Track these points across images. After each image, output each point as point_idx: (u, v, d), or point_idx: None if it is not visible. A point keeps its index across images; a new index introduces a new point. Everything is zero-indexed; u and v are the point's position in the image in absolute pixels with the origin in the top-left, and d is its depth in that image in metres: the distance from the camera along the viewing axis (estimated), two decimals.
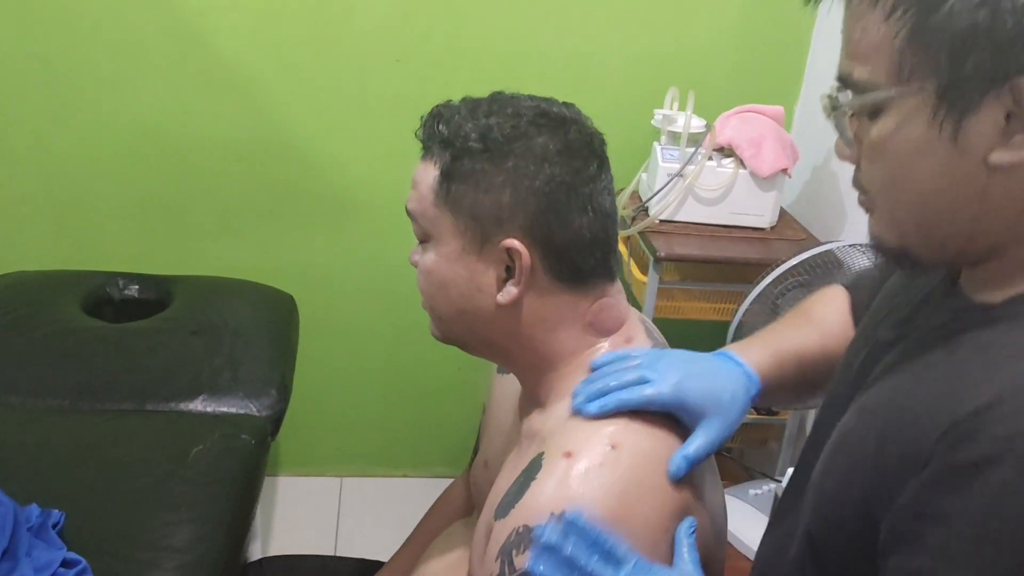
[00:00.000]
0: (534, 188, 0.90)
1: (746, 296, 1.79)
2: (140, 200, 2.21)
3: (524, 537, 0.83)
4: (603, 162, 0.95)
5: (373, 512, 2.49)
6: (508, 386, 1.12)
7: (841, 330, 1.05)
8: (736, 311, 1.82)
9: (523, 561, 0.82)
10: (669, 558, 0.86)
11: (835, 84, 0.76)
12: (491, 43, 2.16)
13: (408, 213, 0.97)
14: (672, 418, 0.90)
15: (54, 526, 1.33)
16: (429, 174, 0.93)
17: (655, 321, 2.01)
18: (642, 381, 0.89)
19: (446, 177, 0.92)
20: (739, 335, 1.83)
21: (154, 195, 2.21)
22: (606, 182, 0.95)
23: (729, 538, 1.94)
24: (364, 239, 2.30)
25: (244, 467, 1.59)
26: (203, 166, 2.19)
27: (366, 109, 2.18)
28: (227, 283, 2.11)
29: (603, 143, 0.95)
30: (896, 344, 0.84)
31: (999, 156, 0.68)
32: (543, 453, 0.89)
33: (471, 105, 0.94)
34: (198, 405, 1.71)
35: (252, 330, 1.93)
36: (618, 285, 0.99)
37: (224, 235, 2.27)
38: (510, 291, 0.92)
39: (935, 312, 0.82)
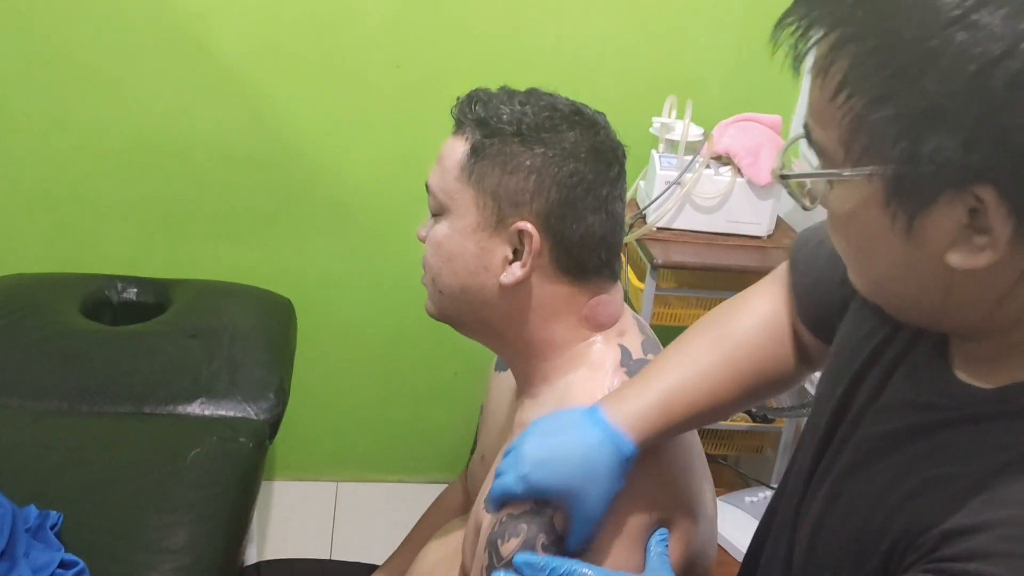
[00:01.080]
0: (558, 179, 0.93)
1: None
2: (139, 203, 2.21)
3: (507, 525, 0.86)
4: (623, 170, 0.99)
5: (369, 517, 2.49)
6: (505, 383, 1.14)
7: (762, 345, 0.95)
8: None
9: (508, 549, 0.85)
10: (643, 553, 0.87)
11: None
12: (491, 51, 2.17)
13: (427, 187, 1.00)
14: None
15: (52, 527, 1.33)
16: (458, 149, 0.96)
17: (652, 328, 2.02)
18: (498, 474, 0.87)
19: (475, 153, 0.95)
20: None
21: (153, 198, 2.21)
22: (621, 190, 0.98)
23: (724, 544, 1.95)
24: (362, 244, 2.31)
25: (241, 470, 1.60)
26: (202, 170, 2.20)
27: (366, 115, 2.19)
28: (226, 287, 2.11)
29: (625, 154, 0.99)
30: (868, 415, 0.79)
31: (956, 259, 0.60)
32: None
33: (509, 92, 0.99)
34: (196, 408, 1.72)
35: (250, 334, 1.93)
36: (618, 285, 1.02)
37: (223, 239, 2.27)
38: (515, 272, 0.95)
39: (916, 383, 0.76)
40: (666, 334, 2.43)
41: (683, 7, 2.18)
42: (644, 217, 2.02)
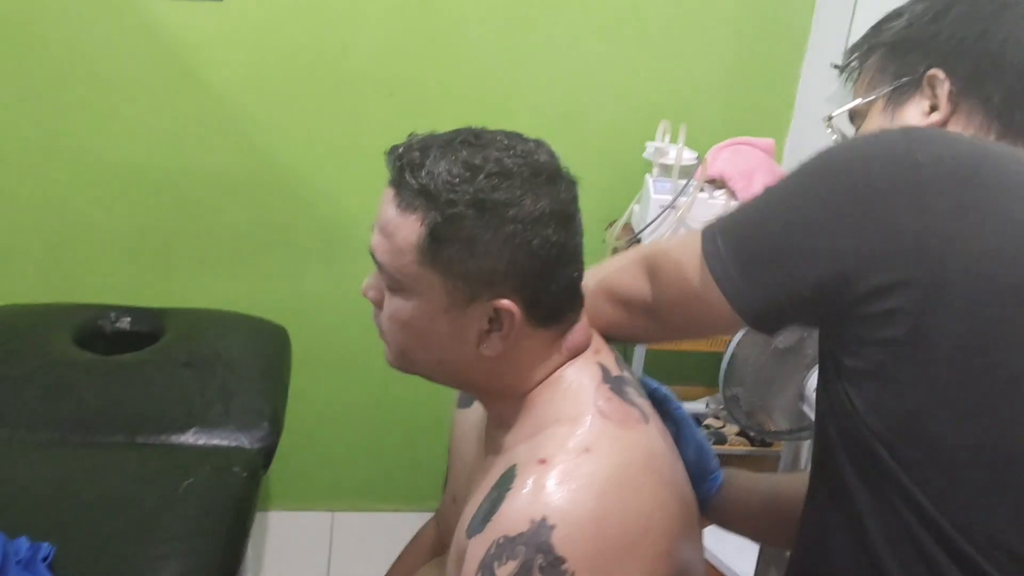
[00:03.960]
0: (530, 251, 0.89)
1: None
2: (132, 233, 2.21)
3: (505, 548, 0.83)
4: (579, 208, 0.95)
5: (365, 547, 2.47)
6: (469, 419, 1.12)
7: None
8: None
9: (506, 572, 0.82)
10: (651, 559, 0.86)
11: None
12: (485, 78, 2.18)
13: (377, 262, 0.94)
14: (642, 422, 0.92)
15: (44, 559, 1.32)
16: (411, 230, 0.89)
17: (649, 353, 2.02)
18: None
19: (435, 239, 0.88)
20: (732, 366, 1.83)
21: (146, 228, 2.21)
22: (581, 227, 0.95)
23: (725, 570, 1.93)
24: (357, 272, 2.27)
25: (235, 500, 1.58)
26: (196, 199, 2.19)
27: (359, 143, 2.19)
28: (219, 315, 2.10)
29: (577, 186, 0.95)
30: None
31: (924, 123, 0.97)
32: (515, 465, 0.89)
33: (444, 148, 0.90)
34: (189, 438, 1.70)
35: (244, 362, 1.92)
36: (583, 308, 1.00)
37: (217, 268, 2.27)
38: (496, 346, 0.92)
39: None
40: (662, 359, 2.42)
41: (675, 33, 2.20)
42: (639, 241, 2.02)
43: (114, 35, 2.04)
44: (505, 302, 0.89)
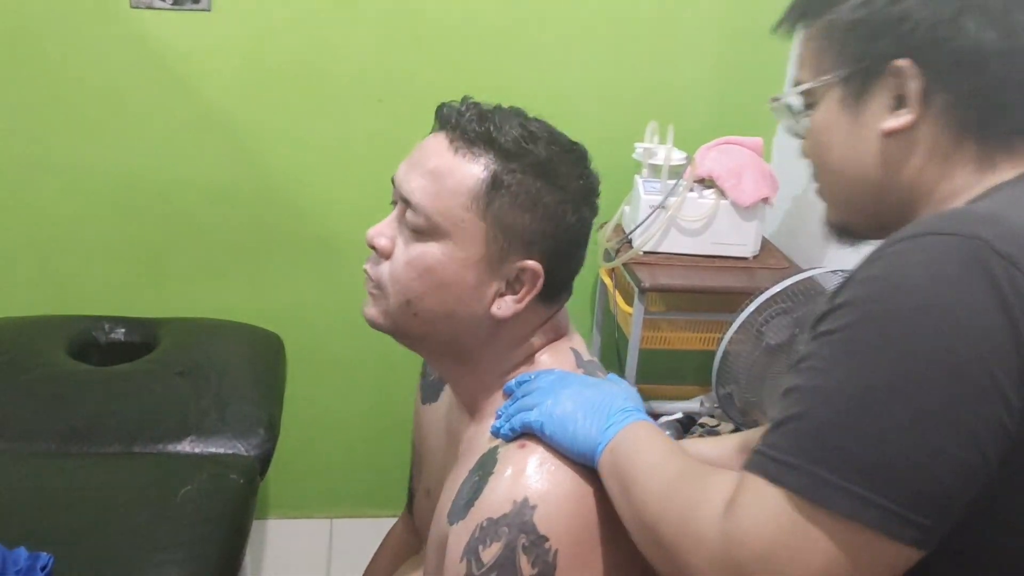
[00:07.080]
0: (568, 223, 0.94)
1: (730, 326, 1.80)
2: (125, 243, 2.21)
3: (488, 531, 0.84)
4: None
5: (365, 554, 2.43)
6: (435, 415, 1.14)
7: None
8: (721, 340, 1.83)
9: (490, 555, 0.83)
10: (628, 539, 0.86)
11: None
12: (474, 82, 2.17)
13: (411, 204, 0.93)
14: None
15: (43, 569, 1.32)
16: (469, 174, 0.91)
17: (642, 353, 2.03)
18: (530, 407, 0.90)
19: (494, 187, 0.91)
20: (724, 364, 1.84)
21: (139, 238, 2.21)
22: None
23: None
24: (350, 277, 2.29)
25: (233, 507, 1.58)
26: (187, 209, 2.20)
27: (349, 149, 2.20)
28: (213, 324, 2.11)
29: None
30: None
31: (889, 123, 0.82)
32: (495, 449, 0.90)
33: (507, 114, 0.96)
34: (186, 446, 1.70)
35: (239, 370, 1.93)
36: None
37: (210, 277, 2.27)
38: (510, 306, 0.94)
39: None
40: (656, 358, 2.42)
41: (661, 34, 2.21)
42: (630, 242, 2.03)
43: (104, 45, 2.05)
44: (534, 263, 0.92)
